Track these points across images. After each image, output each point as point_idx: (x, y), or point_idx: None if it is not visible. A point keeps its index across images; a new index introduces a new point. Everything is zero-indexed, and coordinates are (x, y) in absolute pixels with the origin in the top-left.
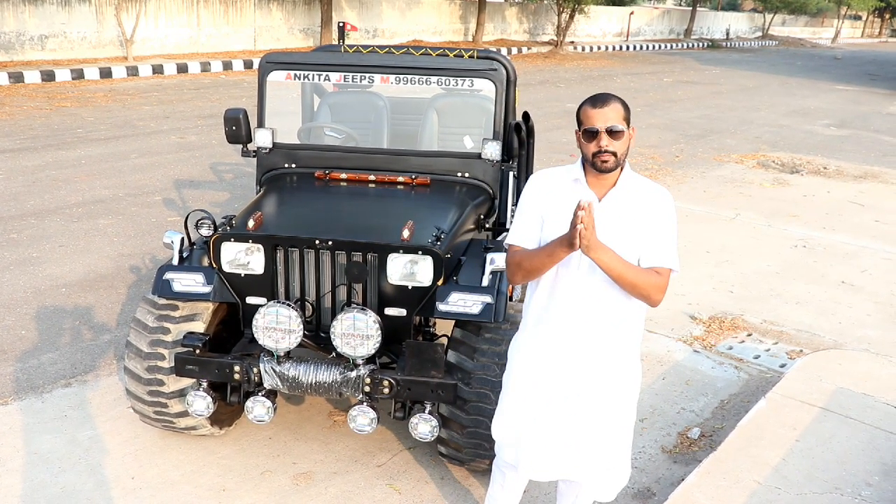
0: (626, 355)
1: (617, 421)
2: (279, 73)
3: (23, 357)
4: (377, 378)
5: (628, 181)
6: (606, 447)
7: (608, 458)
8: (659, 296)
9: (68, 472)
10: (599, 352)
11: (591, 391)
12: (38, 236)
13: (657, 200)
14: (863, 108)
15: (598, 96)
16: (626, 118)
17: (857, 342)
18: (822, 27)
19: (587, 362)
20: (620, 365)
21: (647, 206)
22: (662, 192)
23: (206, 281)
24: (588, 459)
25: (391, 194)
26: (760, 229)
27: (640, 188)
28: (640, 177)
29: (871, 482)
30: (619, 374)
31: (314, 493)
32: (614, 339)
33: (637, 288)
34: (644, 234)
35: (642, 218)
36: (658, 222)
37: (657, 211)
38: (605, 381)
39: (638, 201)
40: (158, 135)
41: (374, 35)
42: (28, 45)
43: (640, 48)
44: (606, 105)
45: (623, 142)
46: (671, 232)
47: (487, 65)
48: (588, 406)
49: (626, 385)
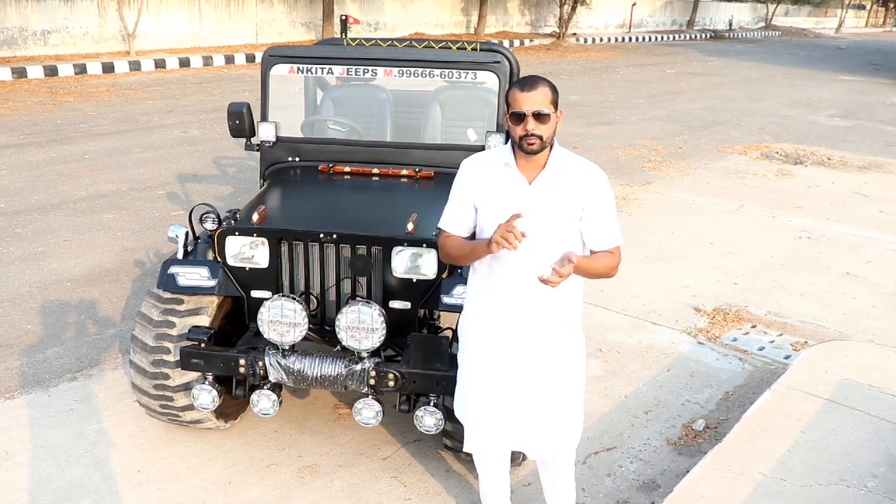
0: (567, 329)
1: (564, 391)
2: (282, 66)
3: (28, 351)
4: (382, 371)
5: (558, 162)
6: (555, 417)
7: (558, 426)
8: (615, 271)
9: (75, 465)
10: (541, 327)
11: (537, 366)
12: (42, 231)
13: (589, 179)
14: (867, 99)
15: (527, 79)
16: (553, 101)
17: (862, 333)
18: (826, 17)
19: (530, 338)
20: (563, 338)
21: (579, 185)
22: (594, 169)
23: (211, 275)
24: (538, 430)
25: (395, 187)
26: (764, 220)
27: (571, 168)
28: (571, 155)
29: (876, 473)
30: (562, 347)
31: (319, 486)
32: (554, 315)
33: (598, 276)
34: (579, 213)
35: (575, 198)
36: (594, 202)
37: (591, 190)
38: (550, 355)
39: (569, 181)
40: (161, 129)
41: (376, 28)
42: (31, 41)
43: (643, 39)
44: (534, 89)
45: (549, 125)
46: (609, 208)
47: (490, 57)
48: (535, 380)
49: (570, 357)
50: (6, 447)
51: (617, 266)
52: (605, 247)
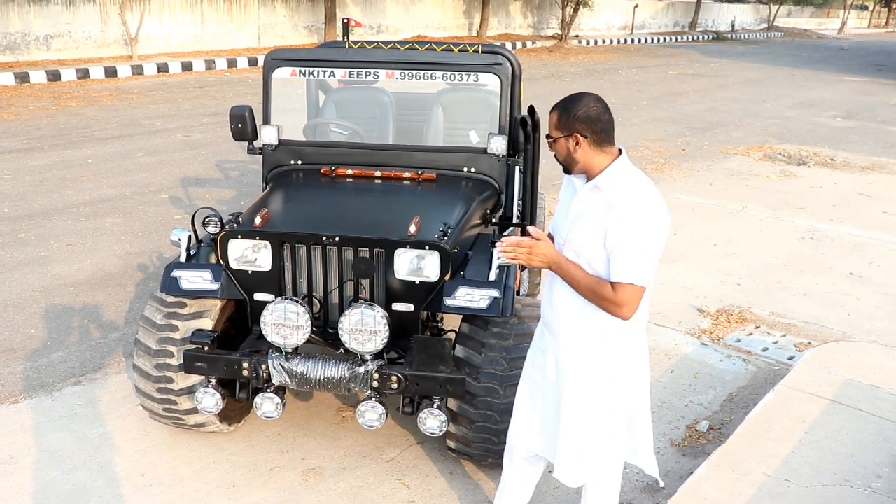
0: (597, 350)
1: (586, 411)
2: (284, 69)
3: (32, 356)
4: (385, 373)
5: (605, 180)
6: (575, 432)
7: (577, 442)
8: (613, 309)
9: (79, 469)
10: (571, 343)
11: (566, 378)
12: (46, 235)
13: (620, 209)
14: (870, 99)
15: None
16: (557, 125)
17: (866, 334)
18: (829, 18)
19: (562, 351)
20: (592, 357)
21: (609, 211)
22: (629, 198)
23: (214, 278)
24: (560, 441)
25: (397, 190)
26: (767, 222)
27: (613, 190)
28: (627, 179)
29: (880, 474)
30: (591, 366)
31: (323, 489)
32: (585, 334)
33: (583, 293)
34: (602, 235)
35: (601, 222)
36: (613, 229)
37: (614, 216)
38: (578, 370)
39: (604, 199)
40: (164, 133)
41: (378, 31)
42: (33, 46)
43: (645, 41)
44: (550, 114)
45: (558, 149)
46: (628, 244)
47: (492, 59)
48: (563, 392)
49: (598, 377)
50: (10, 451)
51: (613, 303)
52: (612, 277)
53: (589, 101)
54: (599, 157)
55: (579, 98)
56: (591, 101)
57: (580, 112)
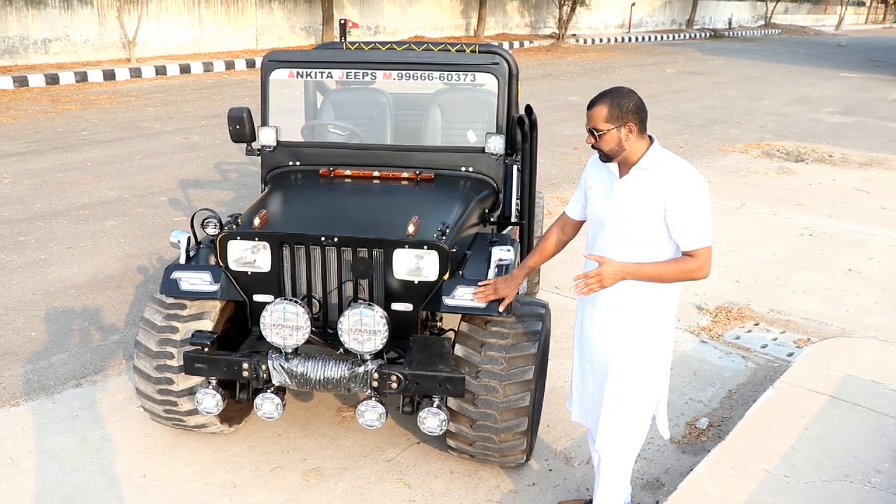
0: (634, 331)
1: (616, 391)
2: (282, 71)
3: (33, 358)
4: (385, 373)
5: (650, 162)
6: (612, 407)
7: (614, 418)
8: (697, 274)
9: (80, 471)
10: (608, 323)
11: (601, 359)
12: (45, 238)
13: (673, 178)
14: (867, 95)
15: (594, 98)
16: (608, 118)
17: (865, 330)
18: (826, 14)
19: (599, 331)
20: (628, 339)
21: (662, 183)
22: (682, 171)
23: (214, 279)
24: (601, 415)
25: (395, 190)
26: (766, 218)
27: (661, 167)
28: (668, 156)
29: (880, 469)
30: (626, 348)
31: (324, 489)
32: (622, 312)
33: (671, 280)
34: (661, 211)
35: (657, 195)
36: (674, 201)
37: (672, 188)
38: (613, 351)
39: (654, 179)
40: (163, 135)
41: (376, 32)
42: (32, 49)
43: (643, 39)
44: (592, 108)
45: (607, 141)
46: (689, 209)
47: (489, 59)
48: (605, 370)
49: (631, 360)
50: (12, 454)
51: (693, 270)
52: (685, 247)
53: (632, 93)
54: (641, 143)
55: (621, 91)
56: (633, 93)
57: (631, 104)
